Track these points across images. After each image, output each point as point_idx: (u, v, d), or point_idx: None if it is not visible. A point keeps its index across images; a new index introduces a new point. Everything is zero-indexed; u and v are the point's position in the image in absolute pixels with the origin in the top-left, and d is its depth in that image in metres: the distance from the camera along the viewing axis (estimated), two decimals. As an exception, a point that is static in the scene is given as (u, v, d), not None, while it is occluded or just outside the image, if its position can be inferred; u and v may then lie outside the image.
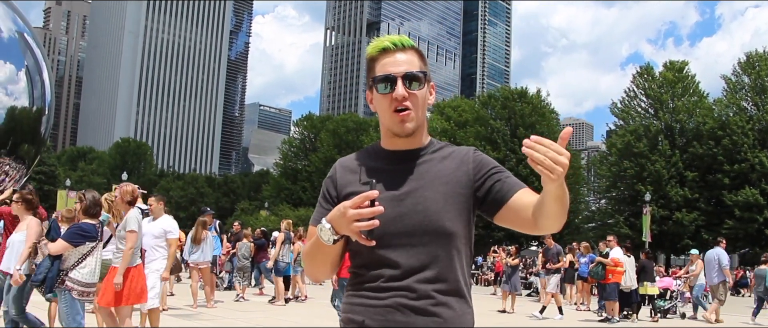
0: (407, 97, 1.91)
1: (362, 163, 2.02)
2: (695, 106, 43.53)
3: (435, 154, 1.99)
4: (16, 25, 16.07)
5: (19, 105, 15.79)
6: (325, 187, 2.04)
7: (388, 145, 2.02)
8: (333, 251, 1.88)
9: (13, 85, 15.57)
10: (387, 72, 1.92)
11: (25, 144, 16.33)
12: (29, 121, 16.27)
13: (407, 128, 1.92)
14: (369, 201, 1.71)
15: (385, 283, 1.87)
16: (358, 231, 1.73)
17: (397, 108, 1.91)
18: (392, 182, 1.92)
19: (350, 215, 1.71)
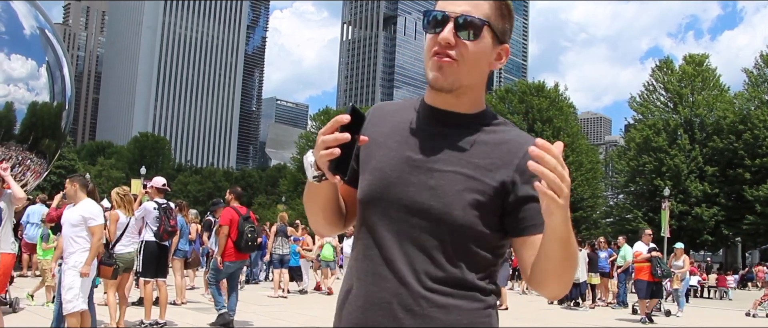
0: (453, 45, 1.53)
1: (397, 109, 1.71)
2: (716, 100, 43.05)
3: (485, 129, 1.62)
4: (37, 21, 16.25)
5: (41, 100, 15.97)
6: None
7: (429, 99, 1.65)
8: (321, 194, 1.61)
9: (34, 80, 15.75)
10: (442, 9, 1.56)
11: (46, 139, 16.52)
12: (50, 116, 16.46)
13: (440, 81, 1.55)
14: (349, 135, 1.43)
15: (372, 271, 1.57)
16: (327, 166, 1.44)
17: (438, 53, 1.55)
18: (415, 142, 1.59)
19: (319, 141, 1.44)
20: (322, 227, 1.75)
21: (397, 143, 1.60)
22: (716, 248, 46.35)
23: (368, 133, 1.59)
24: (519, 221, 1.56)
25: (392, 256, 1.55)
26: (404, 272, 1.53)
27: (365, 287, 1.58)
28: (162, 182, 9.32)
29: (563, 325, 12.54)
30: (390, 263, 1.55)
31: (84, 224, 6.60)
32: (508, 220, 1.57)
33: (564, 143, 1.40)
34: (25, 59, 16.02)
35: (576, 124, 50.35)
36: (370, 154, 1.62)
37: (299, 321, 10.49)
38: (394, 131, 1.64)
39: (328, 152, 1.42)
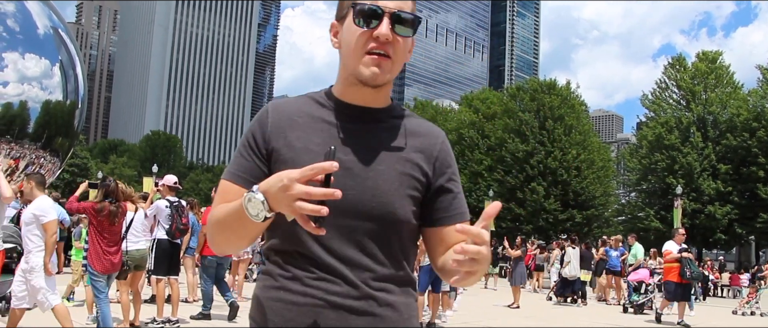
0: (390, 41, 1.51)
1: (304, 109, 1.61)
2: (729, 97, 42.70)
3: (398, 123, 1.62)
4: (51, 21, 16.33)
5: (54, 99, 16.07)
6: (250, 132, 1.60)
7: (344, 95, 1.61)
8: (259, 227, 1.45)
9: (48, 79, 15.85)
10: (375, 3, 1.51)
11: (59, 137, 16.62)
12: (63, 114, 16.56)
13: (379, 77, 1.53)
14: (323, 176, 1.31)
15: (315, 273, 1.52)
16: (303, 215, 1.32)
17: (374, 49, 1.52)
18: (342, 142, 1.55)
19: (295, 192, 1.29)
20: (237, 251, 1.71)
21: (321, 144, 1.52)
22: (729, 247, 46.00)
23: (284, 138, 1.56)
24: (433, 211, 1.62)
25: (338, 259, 1.52)
26: (351, 274, 1.51)
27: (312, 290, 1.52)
28: (173, 180, 9.38)
29: (574, 325, 12.50)
30: (336, 267, 1.51)
31: (37, 222, 6.47)
32: (424, 210, 1.61)
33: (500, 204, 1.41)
34: (38, 58, 16.13)
35: (588, 122, 50.05)
36: (296, 161, 1.48)
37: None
38: (312, 133, 1.57)
39: (316, 209, 1.28)
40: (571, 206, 44.53)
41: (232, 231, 1.50)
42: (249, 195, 1.37)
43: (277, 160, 1.56)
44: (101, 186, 7.30)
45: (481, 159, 46.96)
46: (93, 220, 7.03)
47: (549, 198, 43.78)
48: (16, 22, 15.66)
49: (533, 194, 43.87)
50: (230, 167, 1.61)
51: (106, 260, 6.95)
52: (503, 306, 14.56)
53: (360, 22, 1.52)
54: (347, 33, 1.56)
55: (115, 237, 7.15)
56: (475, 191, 45.55)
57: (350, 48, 1.55)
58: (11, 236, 8.99)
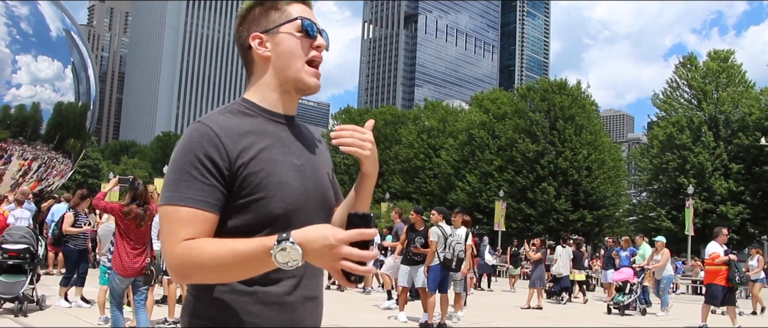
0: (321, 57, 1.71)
1: (243, 123, 1.61)
2: (741, 96, 42.48)
3: (305, 126, 1.80)
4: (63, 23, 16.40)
5: (66, 101, 16.24)
6: (201, 153, 1.51)
7: (271, 105, 1.68)
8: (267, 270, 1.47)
9: (60, 81, 16.01)
10: (311, 18, 1.68)
11: (71, 138, 16.79)
12: (75, 116, 16.73)
13: (318, 86, 1.69)
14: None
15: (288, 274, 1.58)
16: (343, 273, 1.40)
17: (314, 59, 1.66)
18: (289, 148, 1.64)
19: (343, 253, 1.36)
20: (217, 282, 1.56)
21: (280, 153, 1.60)
22: (742, 247, 45.72)
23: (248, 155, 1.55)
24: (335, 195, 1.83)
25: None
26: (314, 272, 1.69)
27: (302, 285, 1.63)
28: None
29: (589, 325, 12.46)
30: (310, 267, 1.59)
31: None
32: None
33: (373, 120, 1.79)
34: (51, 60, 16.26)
35: (598, 121, 49.90)
36: (267, 170, 1.55)
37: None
38: (266, 144, 1.61)
39: (367, 270, 1.39)
40: (581, 206, 44.40)
41: (233, 272, 1.48)
42: (284, 245, 1.37)
43: (248, 176, 1.54)
44: (130, 188, 7.16)
45: (491, 159, 46.89)
46: (120, 222, 6.90)
47: (559, 198, 43.67)
48: (30, 25, 15.80)
49: (544, 194, 43.77)
50: (183, 193, 1.49)
51: (130, 264, 6.81)
52: (513, 306, 14.53)
53: (303, 33, 1.66)
54: (287, 42, 1.65)
55: (141, 240, 6.96)
56: (486, 192, 45.50)
57: (294, 55, 1.65)
58: (24, 236, 9.06)
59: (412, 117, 63.53)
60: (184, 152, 1.52)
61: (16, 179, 15.23)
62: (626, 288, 14.17)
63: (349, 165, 60.15)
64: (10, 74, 14.85)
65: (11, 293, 8.49)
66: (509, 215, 41.78)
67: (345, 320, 10.58)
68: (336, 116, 69.13)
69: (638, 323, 13.05)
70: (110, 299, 6.97)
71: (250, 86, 1.71)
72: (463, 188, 47.25)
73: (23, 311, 8.50)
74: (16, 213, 12.44)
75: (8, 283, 8.56)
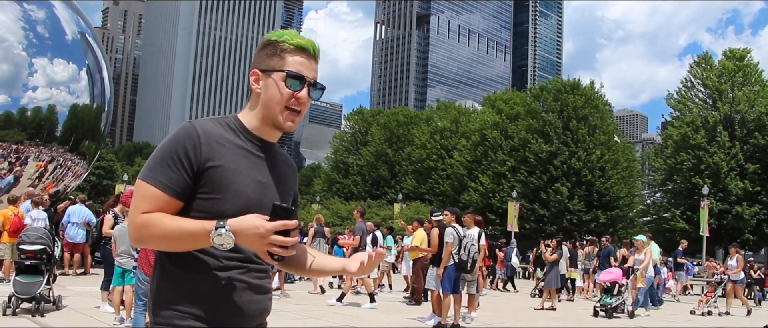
0: (305, 102, 1.98)
1: (225, 136, 1.95)
2: (757, 95, 42.04)
3: (280, 153, 2.11)
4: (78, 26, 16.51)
5: (81, 103, 16.36)
6: (180, 146, 1.86)
7: (255, 129, 2.01)
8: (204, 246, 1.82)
9: (75, 84, 16.13)
10: (301, 72, 1.95)
11: (86, 140, 16.91)
12: (90, 118, 16.84)
13: (293, 127, 1.98)
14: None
15: (237, 264, 1.91)
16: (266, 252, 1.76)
17: (293, 106, 1.96)
18: (258, 168, 1.97)
19: (271, 240, 1.73)
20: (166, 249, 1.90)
21: (247, 168, 1.93)
22: (758, 248, 45.36)
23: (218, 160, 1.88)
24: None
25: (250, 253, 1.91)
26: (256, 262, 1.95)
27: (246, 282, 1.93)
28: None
29: (602, 326, 12.41)
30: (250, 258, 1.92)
31: None
32: None
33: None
34: (66, 63, 16.39)
35: (612, 122, 49.63)
36: (232, 181, 1.88)
37: (335, 320, 10.56)
38: (237, 156, 1.93)
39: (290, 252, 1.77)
40: (595, 206, 44.18)
41: (176, 245, 1.83)
42: (220, 231, 1.72)
43: (211, 178, 1.87)
44: None
45: (504, 160, 46.74)
46: None
47: (573, 199, 43.47)
48: (46, 29, 15.93)
49: (557, 194, 43.60)
50: (156, 175, 1.85)
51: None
52: (528, 307, 14.49)
53: (289, 84, 1.94)
54: (273, 88, 1.96)
55: None
56: (499, 192, 45.38)
57: (274, 98, 1.95)
58: (40, 237, 9.14)
59: (424, 118, 63.42)
60: (169, 143, 1.87)
61: (33, 180, 15.36)
62: (614, 289, 13.47)
63: (361, 166, 60.20)
64: (26, 77, 14.98)
65: (28, 294, 8.57)
66: (522, 215, 41.64)
67: (361, 321, 10.60)
68: (348, 117, 69.21)
69: (654, 324, 12.99)
70: (135, 300, 6.93)
71: (245, 107, 2.05)
72: (476, 188, 47.13)
73: (40, 311, 8.57)
74: (34, 214, 12.58)
75: (25, 283, 8.64)
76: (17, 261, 9.04)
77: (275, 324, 8.78)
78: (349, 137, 66.45)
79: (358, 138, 65.23)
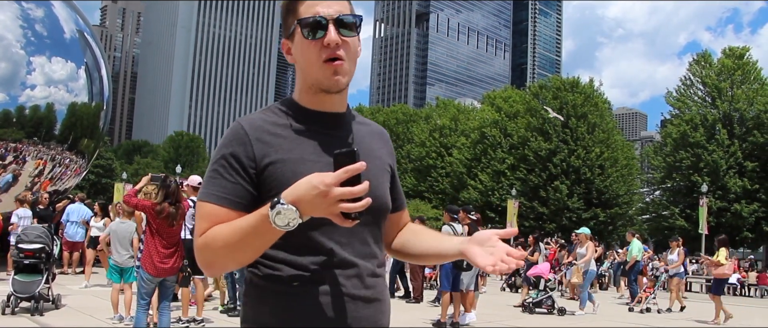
0: (340, 45, 1.60)
1: (279, 122, 1.66)
2: (756, 93, 42.01)
3: (358, 123, 1.77)
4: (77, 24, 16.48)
5: (80, 101, 16.33)
6: (229, 152, 1.60)
7: (310, 104, 1.68)
8: (275, 238, 1.50)
9: (73, 82, 16.10)
10: (316, 13, 1.60)
11: (85, 138, 16.88)
12: (89, 116, 16.82)
13: (340, 82, 1.62)
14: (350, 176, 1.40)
15: (326, 271, 1.59)
16: (340, 214, 1.42)
17: (329, 57, 1.60)
18: (327, 148, 1.61)
19: (335, 195, 1.37)
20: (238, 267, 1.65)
21: (312, 153, 1.61)
22: (757, 246, 45.38)
23: (275, 154, 1.60)
24: (393, 199, 1.80)
25: (351, 252, 1.62)
26: (362, 265, 1.63)
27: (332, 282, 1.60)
28: (198, 180, 9.46)
29: (605, 325, 12.41)
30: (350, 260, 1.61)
31: None
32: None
33: (516, 229, 1.61)
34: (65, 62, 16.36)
35: (611, 119, 49.63)
36: (298, 174, 1.50)
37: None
38: (300, 143, 1.63)
39: (364, 203, 1.39)
40: (594, 204, 44.20)
41: (244, 249, 1.51)
42: (278, 208, 1.40)
43: (272, 175, 1.59)
44: (162, 186, 6.97)
45: (503, 158, 46.75)
46: (152, 220, 6.77)
47: (572, 197, 43.49)
48: (44, 27, 15.91)
49: (556, 192, 43.60)
50: (211, 189, 1.58)
51: (160, 264, 6.68)
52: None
53: (308, 34, 1.61)
54: (300, 47, 1.64)
55: (172, 239, 6.83)
56: (498, 190, 45.39)
57: (307, 60, 1.63)
58: (39, 236, 9.13)
59: (423, 116, 63.44)
60: (217, 151, 1.62)
61: (33, 178, 15.35)
62: (540, 284, 13.27)
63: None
64: (24, 75, 14.95)
65: (27, 293, 8.57)
66: (522, 213, 41.64)
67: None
68: (348, 115, 69.23)
69: (661, 322, 12.99)
70: (137, 299, 6.91)
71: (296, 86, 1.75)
72: (475, 186, 47.14)
73: (39, 310, 8.57)
74: (20, 212, 12.61)
75: (24, 282, 8.64)
76: (16, 260, 9.03)
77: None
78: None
79: (358, 136, 65.21)
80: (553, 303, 13.22)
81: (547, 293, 13.18)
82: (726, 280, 14.11)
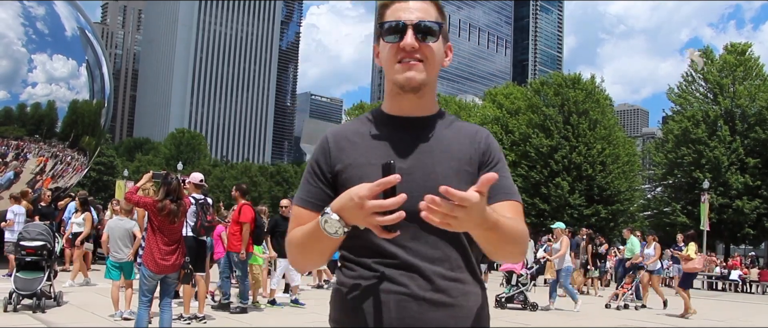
0: (417, 49, 1.66)
1: (360, 130, 1.76)
2: (758, 89, 41.89)
3: (445, 126, 1.78)
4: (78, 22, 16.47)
5: (81, 99, 16.34)
6: (314, 160, 1.77)
7: (392, 109, 1.76)
8: (336, 242, 1.61)
9: (75, 79, 16.11)
10: (398, 18, 1.68)
11: (86, 136, 16.89)
12: (90, 114, 16.83)
13: (414, 79, 1.66)
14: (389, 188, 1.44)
15: (391, 272, 1.64)
16: (380, 225, 1.46)
17: (403, 58, 1.67)
18: (398, 152, 1.70)
19: (369, 207, 1.44)
20: (318, 266, 1.83)
21: (383, 158, 1.59)
22: (758, 242, 45.32)
23: (346, 159, 1.71)
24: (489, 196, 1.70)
25: (415, 256, 1.65)
26: (427, 269, 1.65)
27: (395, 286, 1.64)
28: (200, 177, 9.45)
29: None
30: (413, 263, 1.64)
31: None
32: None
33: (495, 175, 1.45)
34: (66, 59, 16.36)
35: (613, 116, 49.53)
36: (362, 178, 1.58)
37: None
38: (371, 149, 1.71)
39: (394, 217, 1.43)
40: (595, 201, 44.18)
41: (311, 250, 1.66)
42: (324, 217, 1.53)
43: (344, 180, 1.69)
44: (163, 183, 6.95)
45: (504, 154, 46.68)
46: (153, 218, 6.77)
47: (574, 193, 43.47)
48: (46, 25, 15.92)
49: (558, 189, 43.58)
50: (299, 193, 1.77)
51: (161, 261, 6.67)
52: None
53: (388, 37, 1.69)
54: (382, 50, 1.73)
55: (174, 236, 6.83)
56: (499, 187, 45.35)
57: (387, 63, 1.71)
58: (41, 233, 9.14)
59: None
60: (309, 158, 1.80)
61: (34, 176, 15.36)
62: (512, 279, 13.20)
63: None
64: (26, 73, 14.98)
65: (29, 290, 8.59)
66: (523, 210, 41.59)
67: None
68: (349, 112, 69.21)
69: (657, 322, 12.99)
70: (139, 296, 6.89)
71: None
72: (477, 183, 47.12)
73: (41, 308, 8.59)
74: (15, 209, 12.62)
75: (26, 279, 8.66)
76: (18, 257, 9.05)
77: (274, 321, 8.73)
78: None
79: (359, 133, 65.24)
80: (526, 299, 13.19)
81: (518, 288, 13.19)
82: (695, 274, 14.08)
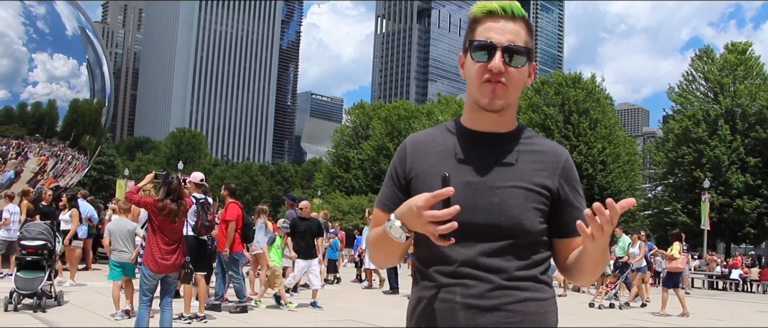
0: (504, 72, 1.69)
1: (437, 139, 1.82)
2: (759, 88, 41.86)
3: (523, 144, 1.79)
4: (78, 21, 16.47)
5: (81, 98, 16.35)
6: (393, 165, 1.86)
7: (470, 123, 1.80)
8: (404, 245, 1.69)
9: (75, 78, 16.11)
10: (488, 38, 1.70)
11: (87, 135, 16.90)
12: (91, 113, 16.83)
13: (496, 103, 1.71)
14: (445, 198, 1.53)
15: (448, 280, 1.71)
16: (436, 234, 1.55)
17: (489, 79, 1.69)
18: (470, 166, 1.73)
19: (426, 217, 1.53)
20: (393, 264, 1.94)
21: (453, 171, 1.67)
22: (759, 241, 45.32)
23: (419, 167, 1.79)
24: (564, 224, 1.78)
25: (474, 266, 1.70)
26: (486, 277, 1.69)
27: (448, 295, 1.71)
28: (200, 177, 9.45)
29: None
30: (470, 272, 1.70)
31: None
32: (553, 221, 1.78)
33: (634, 199, 1.67)
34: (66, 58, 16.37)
35: (613, 115, 49.51)
36: (430, 186, 1.62)
37: (334, 315, 10.56)
38: (442, 160, 1.76)
39: (448, 227, 1.52)
40: (596, 200, 43.60)
41: (383, 251, 1.79)
42: (389, 223, 1.64)
43: (416, 187, 1.76)
44: (164, 183, 6.91)
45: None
46: (154, 217, 6.76)
47: (574, 193, 43.47)
48: (46, 24, 15.92)
49: (558, 188, 43.58)
50: (379, 195, 1.88)
51: (161, 260, 6.66)
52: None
53: (476, 55, 1.72)
54: (468, 65, 1.76)
55: (174, 236, 6.82)
56: (500, 186, 45.36)
57: (471, 79, 1.74)
58: (42, 233, 9.14)
59: (425, 112, 63.33)
60: (391, 162, 1.88)
61: (35, 175, 15.37)
62: None
63: (362, 160, 60.12)
64: (26, 72, 14.98)
65: (30, 289, 8.58)
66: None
67: (362, 315, 10.61)
68: (349, 111, 69.12)
69: (657, 322, 12.99)
70: (139, 295, 6.89)
71: None
72: (477, 182, 47.13)
73: (42, 307, 8.58)
74: (10, 208, 12.63)
75: (27, 279, 8.66)
76: (18, 257, 9.05)
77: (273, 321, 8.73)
78: (350, 131, 66.33)
79: (359, 132, 65.15)
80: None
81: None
82: (679, 273, 14.06)
